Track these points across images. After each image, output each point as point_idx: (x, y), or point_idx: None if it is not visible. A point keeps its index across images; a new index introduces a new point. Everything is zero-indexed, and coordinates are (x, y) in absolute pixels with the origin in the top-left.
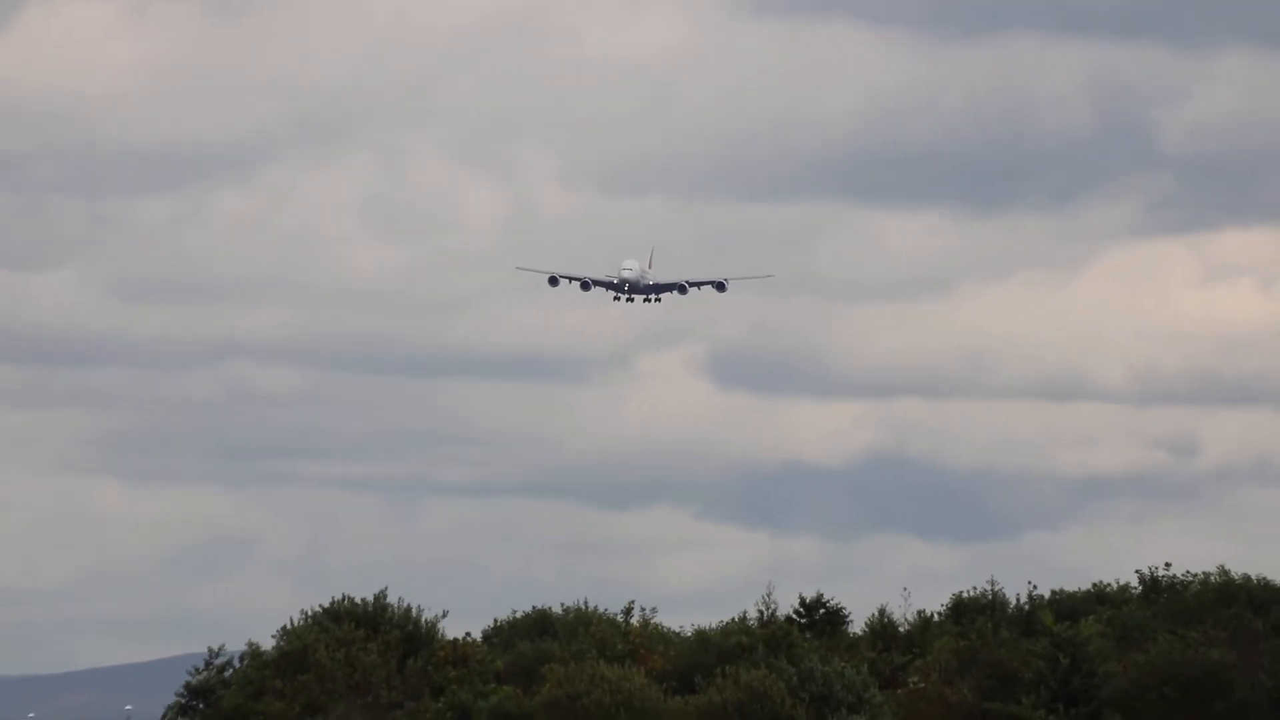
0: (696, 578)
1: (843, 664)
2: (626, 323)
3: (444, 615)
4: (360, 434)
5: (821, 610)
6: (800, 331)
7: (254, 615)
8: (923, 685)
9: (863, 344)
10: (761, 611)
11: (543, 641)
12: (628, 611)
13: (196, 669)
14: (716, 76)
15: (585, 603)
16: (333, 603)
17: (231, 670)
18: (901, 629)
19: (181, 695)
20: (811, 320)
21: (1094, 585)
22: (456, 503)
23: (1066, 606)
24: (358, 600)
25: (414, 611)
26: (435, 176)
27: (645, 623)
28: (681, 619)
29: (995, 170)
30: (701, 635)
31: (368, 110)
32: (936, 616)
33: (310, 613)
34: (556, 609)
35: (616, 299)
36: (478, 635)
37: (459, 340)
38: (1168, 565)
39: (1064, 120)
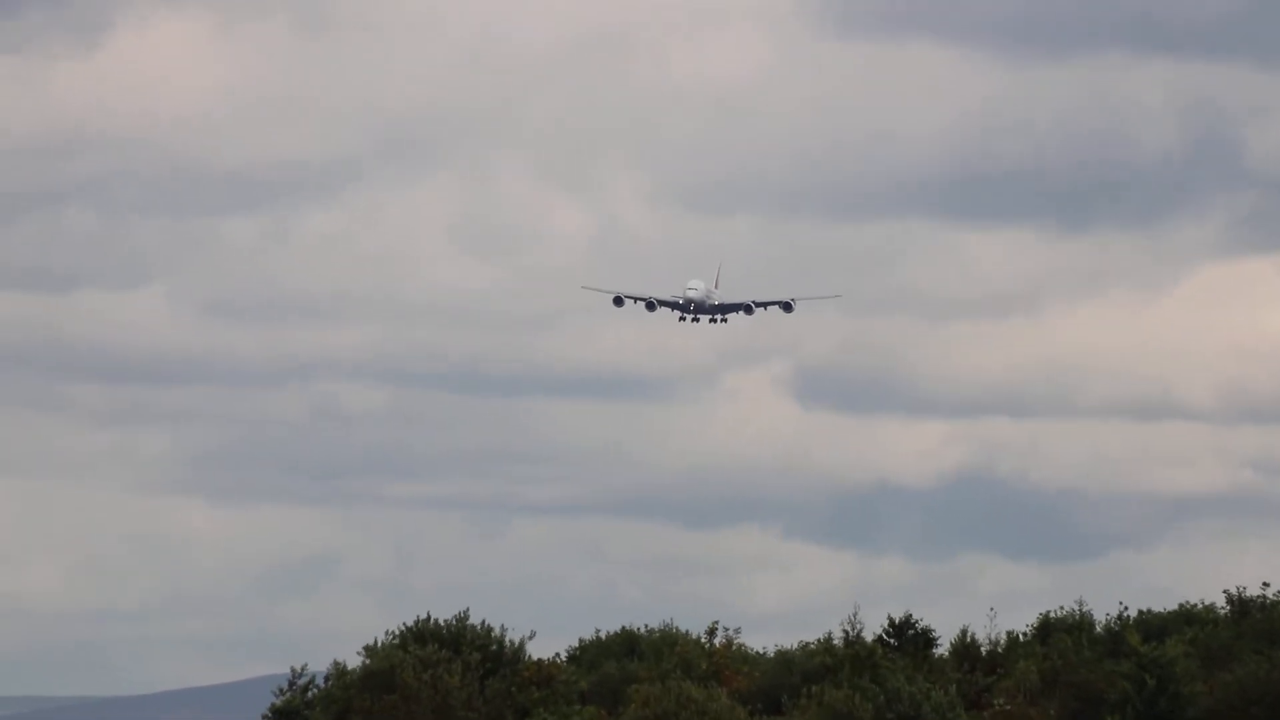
0: (784, 597)
1: (929, 684)
2: (712, 341)
3: (531, 636)
4: (446, 453)
5: (911, 631)
6: (887, 350)
7: (339, 635)
8: (1008, 706)
9: (950, 363)
10: (847, 632)
11: (628, 662)
12: (711, 632)
13: (281, 689)
14: (801, 96)
15: (671, 623)
16: (415, 622)
17: (314, 690)
18: (986, 650)
19: (267, 716)
20: (898, 339)
21: (1181, 605)
22: (542, 522)
23: (1153, 627)
24: (440, 621)
25: (496, 632)
26: (521, 196)
27: (729, 643)
28: (769, 639)
29: (1082, 189)
30: (784, 656)
31: (453, 130)
32: (1023, 637)
33: (394, 633)
34: (642, 629)
35: (682, 319)
36: (563, 655)
37: (545, 359)
38: (1265, 585)
39: (1151, 138)
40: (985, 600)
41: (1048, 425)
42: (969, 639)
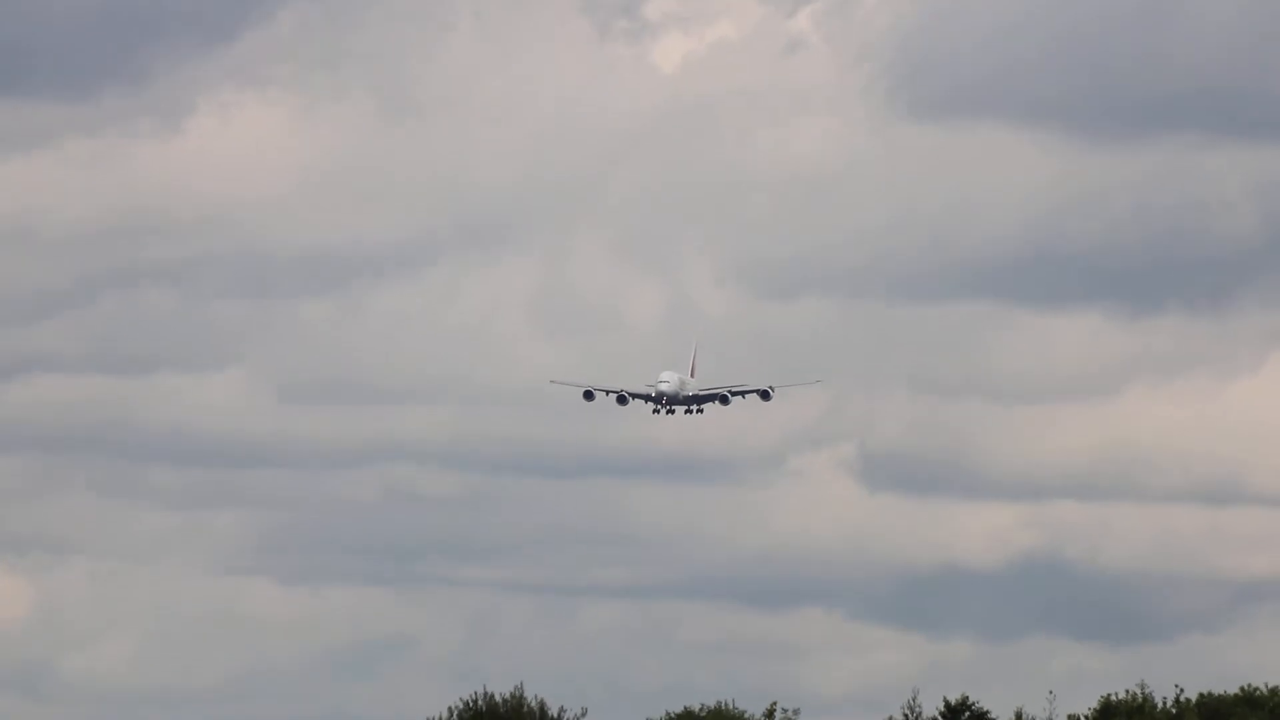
0: (848, 679)
1: None
2: (778, 424)
3: (584, 713)
4: (516, 535)
5: (966, 713)
6: (956, 433)
7: (408, 717)
8: None
9: (1019, 446)
10: (906, 715)
11: None
12: (770, 713)
13: None
14: (872, 178)
15: (732, 703)
16: (473, 697)
17: None
18: None
19: None
20: (968, 422)
21: (1242, 689)
22: (610, 604)
23: (1214, 709)
24: (497, 696)
25: (553, 711)
26: (598, 277)
27: None
28: None
29: (1155, 271)
30: None
31: (531, 210)
32: (1085, 718)
33: (454, 709)
34: (700, 709)
35: (656, 411)
36: None
37: (613, 441)
38: None
39: (1226, 221)
40: (1050, 683)
41: (1117, 509)
42: None
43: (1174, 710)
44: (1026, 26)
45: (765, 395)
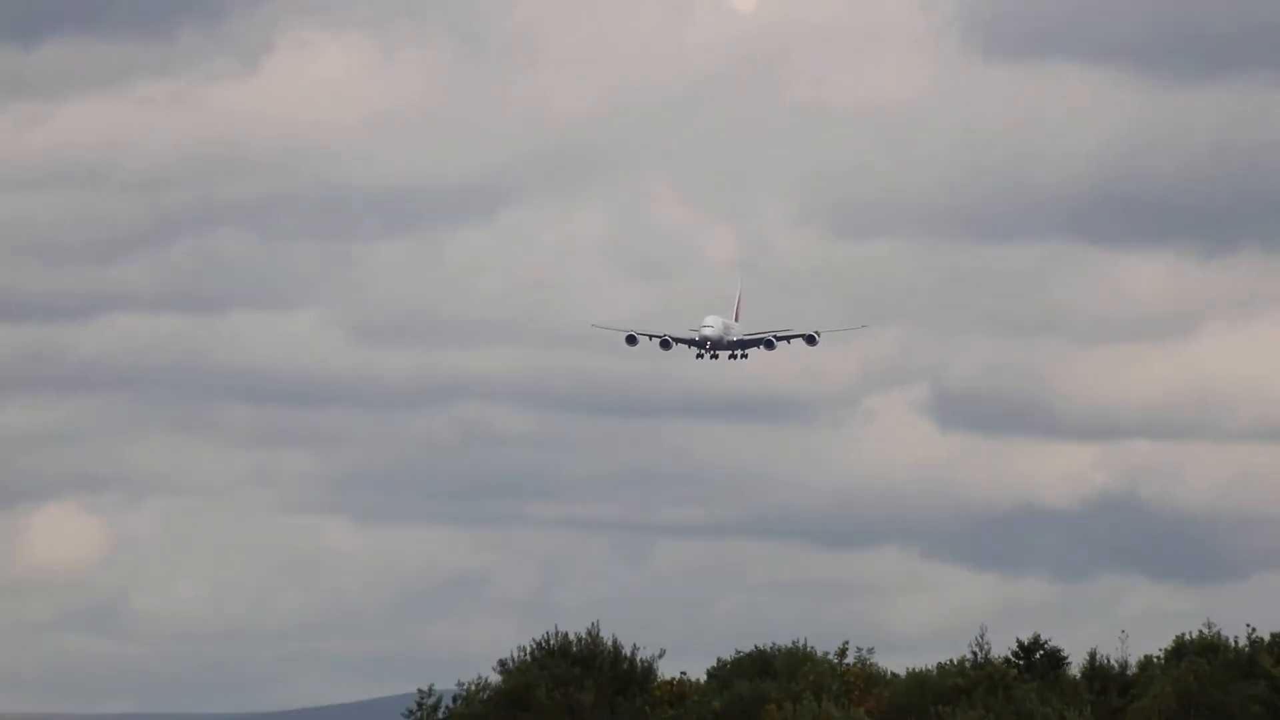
0: (924, 618)
1: (1062, 706)
2: (853, 364)
3: (661, 654)
4: (591, 474)
5: (1040, 652)
6: (1029, 373)
7: (481, 655)
8: None
9: (1096, 385)
10: (975, 653)
11: (761, 681)
12: (842, 652)
13: (410, 710)
14: (948, 118)
15: (805, 642)
16: (546, 637)
17: (445, 710)
18: (1127, 671)
19: None
20: (1041, 362)
21: None
22: (684, 543)
23: None
24: (570, 636)
25: (627, 650)
26: (673, 219)
27: (862, 663)
28: (909, 660)
29: (1232, 210)
30: (916, 676)
31: (608, 151)
32: (1158, 659)
33: (527, 648)
34: (773, 648)
35: (700, 356)
36: (702, 675)
37: (688, 382)
38: None
39: None
40: (1125, 623)
41: (1191, 448)
42: (1102, 660)
43: (1246, 649)
44: None
45: (811, 340)
